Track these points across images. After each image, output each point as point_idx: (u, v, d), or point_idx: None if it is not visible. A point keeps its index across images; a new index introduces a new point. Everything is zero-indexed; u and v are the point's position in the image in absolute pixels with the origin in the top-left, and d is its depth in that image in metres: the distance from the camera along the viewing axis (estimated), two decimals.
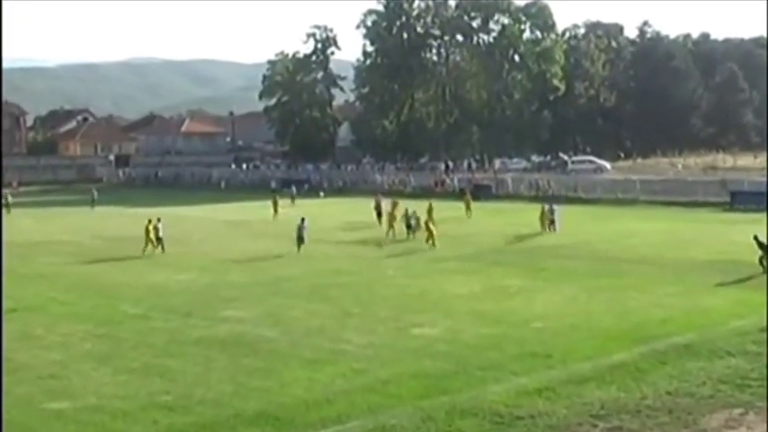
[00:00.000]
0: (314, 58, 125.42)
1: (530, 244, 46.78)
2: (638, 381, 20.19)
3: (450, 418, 18.12)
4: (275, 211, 63.61)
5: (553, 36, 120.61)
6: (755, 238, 35.59)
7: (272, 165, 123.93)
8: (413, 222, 48.96)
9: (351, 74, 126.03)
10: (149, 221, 44.70)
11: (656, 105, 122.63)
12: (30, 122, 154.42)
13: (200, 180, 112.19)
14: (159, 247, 44.02)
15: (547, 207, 52.44)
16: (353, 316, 28.39)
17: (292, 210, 64.81)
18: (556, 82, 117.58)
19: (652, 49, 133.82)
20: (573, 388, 19.76)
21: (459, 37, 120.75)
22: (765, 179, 67.13)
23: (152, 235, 44.11)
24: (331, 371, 21.66)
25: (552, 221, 51.05)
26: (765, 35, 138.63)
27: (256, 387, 20.55)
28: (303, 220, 44.91)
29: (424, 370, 21.59)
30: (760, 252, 34.90)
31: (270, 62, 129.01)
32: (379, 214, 56.04)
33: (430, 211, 51.44)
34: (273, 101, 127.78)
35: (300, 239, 43.80)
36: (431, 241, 44.49)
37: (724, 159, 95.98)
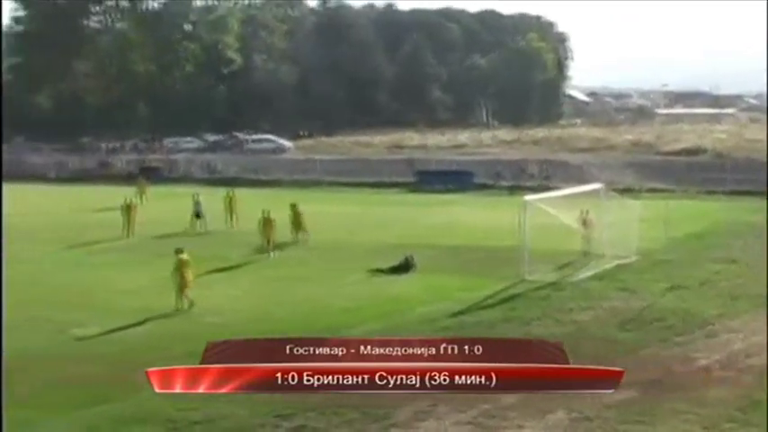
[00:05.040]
0: None
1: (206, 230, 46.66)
2: None
3: (116, 428, 17.70)
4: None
5: (226, 3, 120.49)
6: None
7: None
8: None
9: None
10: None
11: (340, 80, 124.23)
12: None
13: None
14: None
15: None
16: None
17: None
18: (231, 53, 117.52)
19: (333, 20, 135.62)
20: None
21: (124, 3, 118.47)
22: (453, 158, 69.88)
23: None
24: None
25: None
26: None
27: None
28: None
29: (83, 376, 20.90)
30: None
31: None
32: None
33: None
34: None
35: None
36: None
37: (411, 137, 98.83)
